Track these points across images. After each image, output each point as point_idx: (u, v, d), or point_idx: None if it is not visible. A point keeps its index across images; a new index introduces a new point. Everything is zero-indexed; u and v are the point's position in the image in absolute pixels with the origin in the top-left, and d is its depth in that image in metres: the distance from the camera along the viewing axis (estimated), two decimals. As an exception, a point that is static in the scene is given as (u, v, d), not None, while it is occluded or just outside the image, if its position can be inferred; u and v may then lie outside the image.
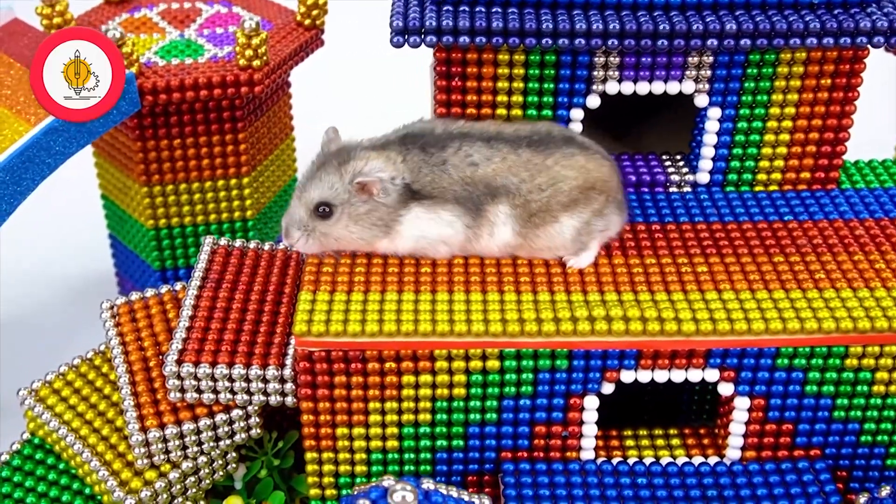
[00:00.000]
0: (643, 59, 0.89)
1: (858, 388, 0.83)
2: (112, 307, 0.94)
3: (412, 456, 0.86)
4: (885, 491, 0.79)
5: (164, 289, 0.96)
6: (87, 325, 1.22)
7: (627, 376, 0.82)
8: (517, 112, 0.91)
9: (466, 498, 0.76)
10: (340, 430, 0.84)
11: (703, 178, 0.95)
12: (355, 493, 0.75)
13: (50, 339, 1.21)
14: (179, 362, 0.83)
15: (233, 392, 0.84)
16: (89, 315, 1.24)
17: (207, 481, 0.87)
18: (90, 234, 1.34)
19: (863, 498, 0.80)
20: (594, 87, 0.90)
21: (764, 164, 0.94)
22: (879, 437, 0.85)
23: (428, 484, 0.72)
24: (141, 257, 1.17)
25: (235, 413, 0.85)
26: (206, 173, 1.10)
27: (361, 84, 1.73)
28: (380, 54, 1.76)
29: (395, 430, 0.85)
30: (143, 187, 1.09)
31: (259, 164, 1.14)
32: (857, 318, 0.80)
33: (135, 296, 0.95)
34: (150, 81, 1.00)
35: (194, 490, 0.87)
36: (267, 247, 0.97)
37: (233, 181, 1.11)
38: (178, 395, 0.84)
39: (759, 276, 0.85)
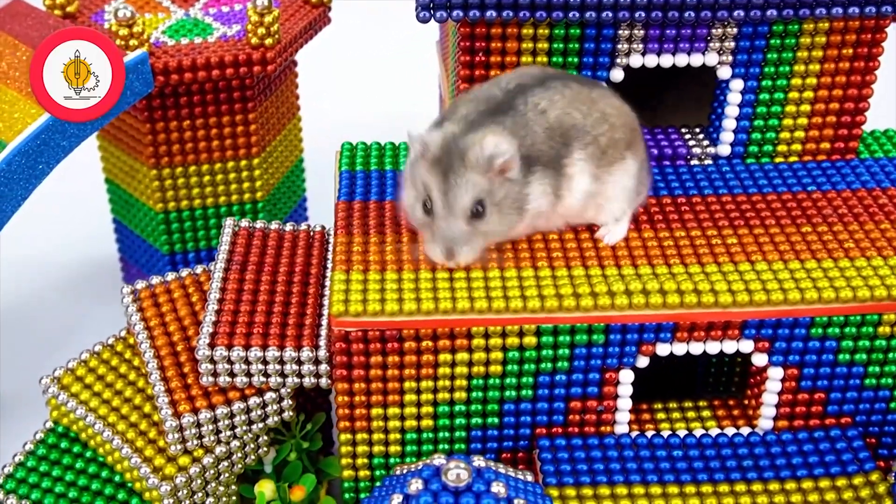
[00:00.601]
0: (667, 32, 0.88)
1: (891, 355, 0.84)
2: (133, 291, 0.93)
3: (447, 435, 0.86)
4: (923, 456, 0.80)
5: (184, 272, 0.95)
6: (93, 312, 1.20)
7: (663, 349, 0.82)
8: (541, 87, 0.91)
9: (514, 474, 0.76)
10: (375, 411, 0.84)
11: (725, 150, 0.95)
12: (402, 472, 0.75)
13: (55, 329, 1.18)
14: (212, 346, 0.82)
15: (266, 375, 0.83)
16: (95, 302, 1.22)
17: (240, 465, 0.87)
18: (91, 219, 1.32)
19: (900, 463, 0.81)
20: (618, 60, 0.90)
21: (785, 135, 0.94)
22: (906, 402, 0.86)
23: (479, 461, 0.72)
24: (148, 242, 1.15)
25: (268, 396, 0.85)
26: (216, 155, 1.09)
27: (364, 61, 1.71)
28: (383, 31, 1.75)
29: (430, 409, 0.84)
30: (153, 170, 1.07)
31: (268, 144, 1.13)
32: (892, 286, 0.81)
33: (155, 280, 0.94)
34: (161, 62, 0.99)
35: (227, 475, 0.86)
36: (289, 227, 0.96)
37: (243, 162, 1.10)
38: (211, 379, 0.83)
39: (790, 246, 0.85)
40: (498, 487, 0.69)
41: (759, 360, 0.84)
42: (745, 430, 0.87)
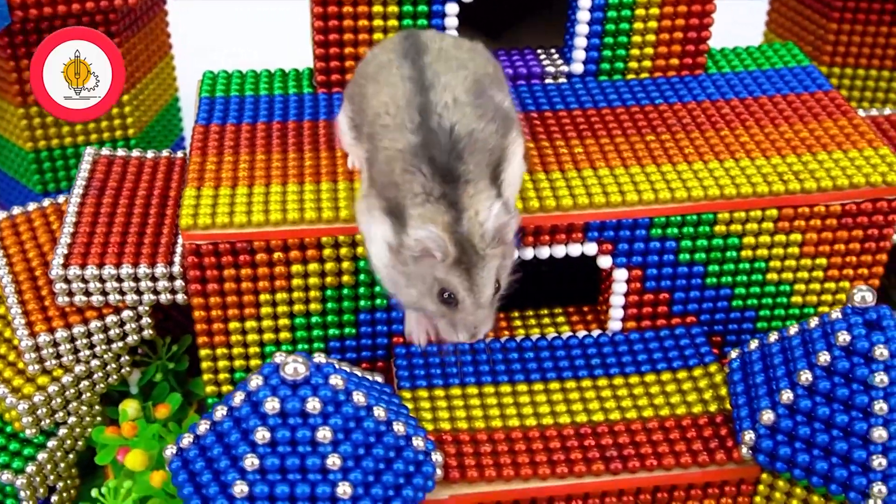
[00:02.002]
0: (514, -50, 0.91)
1: (728, 253, 0.87)
2: (-7, 222, 0.93)
3: (305, 346, 0.87)
4: (754, 344, 0.84)
5: (46, 202, 0.95)
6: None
7: (511, 254, 0.85)
8: (393, 9, 0.92)
9: (359, 373, 0.78)
10: (233, 325, 0.85)
11: (578, 68, 0.98)
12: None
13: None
14: (66, 265, 0.83)
15: (122, 293, 0.84)
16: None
17: (102, 385, 0.88)
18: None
19: (734, 353, 0.85)
20: (468, -21, 0.92)
21: (634, 52, 0.97)
22: (749, 301, 0.90)
23: (320, 358, 0.74)
24: (21, 182, 1.15)
25: (126, 314, 0.86)
26: (84, 91, 1.09)
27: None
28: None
29: (287, 321, 0.86)
30: (20, 108, 1.07)
31: (138, 81, 1.13)
32: (724, 186, 0.84)
33: (17, 210, 0.94)
34: (19, -6, 0.98)
35: (89, 394, 0.87)
36: (150, 155, 0.97)
37: (112, 99, 1.10)
38: (67, 298, 0.84)
39: (633, 153, 0.88)
40: (336, 380, 0.71)
41: (604, 262, 0.87)
42: (596, 333, 0.90)
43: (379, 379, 0.81)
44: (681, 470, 0.79)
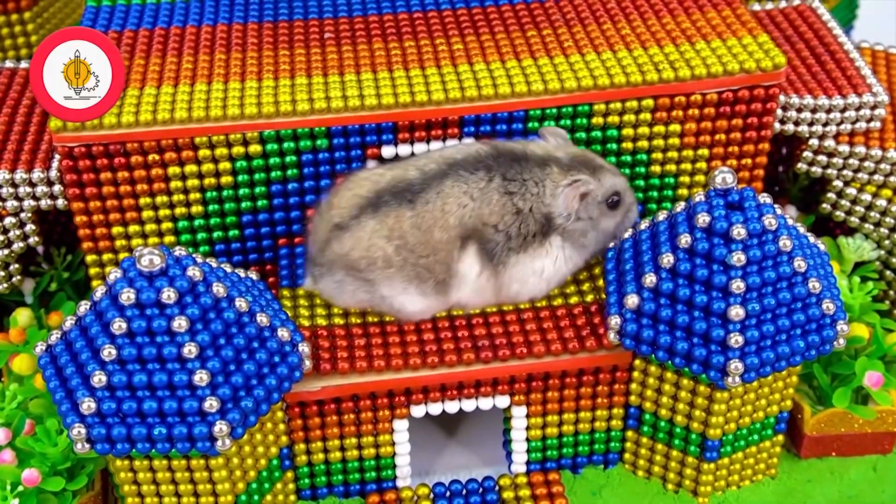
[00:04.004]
0: None
1: (608, 146, 0.87)
2: None
3: (191, 250, 0.88)
4: (628, 233, 0.84)
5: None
6: None
7: (388, 151, 0.85)
8: None
9: (229, 269, 0.79)
10: (116, 229, 0.86)
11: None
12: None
13: None
14: (-58, 172, 0.84)
15: (2, 199, 0.85)
16: None
17: (-9, 294, 0.89)
18: None
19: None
20: None
21: (522, -52, 0.96)
22: (636, 194, 0.90)
23: (180, 251, 0.74)
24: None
25: (8, 221, 0.86)
26: (-17, 7, 1.08)
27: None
28: None
29: (170, 224, 0.86)
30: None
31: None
32: (598, 77, 0.84)
33: None
34: None
35: (-22, 302, 0.88)
36: (38, 66, 0.97)
37: (14, 16, 1.10)
38: (-54, 206, 0.85)
39: (511, 48, 0.88)
40: (193, 271, 0.72)
41: (484, 157, 0.87)
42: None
43: (253, 276, 0.81)
44: (552, 358, 0.80)
